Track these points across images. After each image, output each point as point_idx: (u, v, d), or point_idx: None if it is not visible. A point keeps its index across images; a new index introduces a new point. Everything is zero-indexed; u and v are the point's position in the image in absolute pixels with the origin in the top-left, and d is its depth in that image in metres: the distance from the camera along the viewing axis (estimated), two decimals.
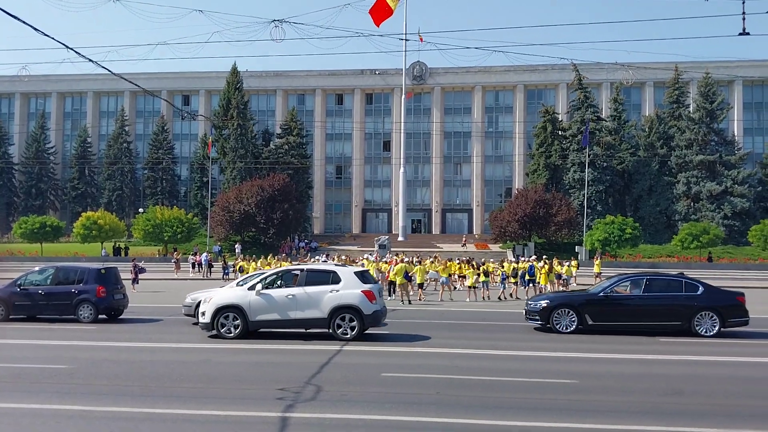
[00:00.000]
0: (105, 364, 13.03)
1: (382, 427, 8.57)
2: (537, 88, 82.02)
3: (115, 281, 20.65)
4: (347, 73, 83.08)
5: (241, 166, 70.67)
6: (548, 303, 17.86)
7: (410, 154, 79.90)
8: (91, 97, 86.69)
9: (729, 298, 17.55)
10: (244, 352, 14.38)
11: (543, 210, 58.23)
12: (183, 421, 8.83)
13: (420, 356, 13.88)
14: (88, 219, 60.00)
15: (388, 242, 54.40)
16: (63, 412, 9.18)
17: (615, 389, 10.78)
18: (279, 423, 8.63)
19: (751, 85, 77.40)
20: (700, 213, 65.52)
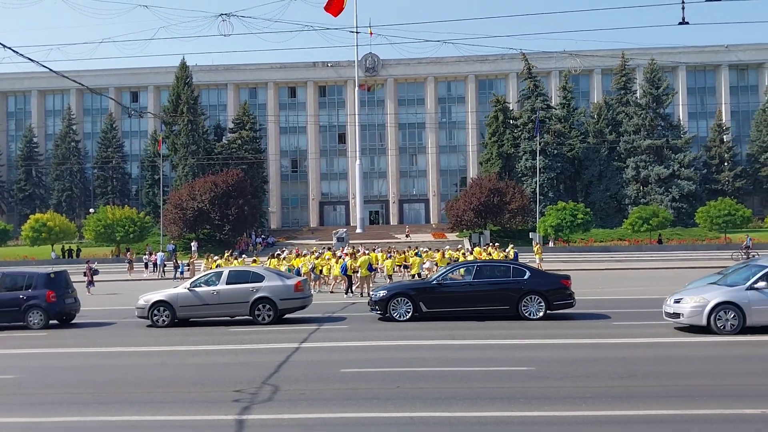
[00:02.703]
0: (56, 371, 12.71)
1: (340, 425, 8.57)
2: (488, 78, 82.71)
3: (65, 285, 20.11)
4: (299, 65, 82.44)
5: (193, 162, 69.57)
6: (386, 293, 18.34)
7: (366, 146, 79.83)
8: (36, 95, 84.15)
9: (554, 281, 18.20)
10: (200, 354, 14.19)
11: (497, 198, 58.91)
12: (137, 428, 8.67)
13: (380, 350, 13.90)
14: (36, 221, 58.41)
15: (346, 235, 54.29)
16: (10, 425, 8.91)
17: (571, 375, 10.97)
18: (235, 426, 8.53)
19: (694, 70, 79.46)
20: (649, 196, 67.13)
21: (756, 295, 14.63)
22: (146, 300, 18.86)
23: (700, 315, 14.73)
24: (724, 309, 14.61)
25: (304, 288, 19.37)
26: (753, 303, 14.57)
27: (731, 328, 14.53)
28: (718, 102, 78.10)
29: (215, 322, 19.03)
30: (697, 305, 14.84)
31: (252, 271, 19.94)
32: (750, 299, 14.62)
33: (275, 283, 18.71)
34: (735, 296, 14.71)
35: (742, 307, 14.55)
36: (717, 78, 79.68)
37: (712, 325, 14.61)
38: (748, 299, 14.62)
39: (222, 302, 18.55)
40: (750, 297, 14.64)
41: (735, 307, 14.59)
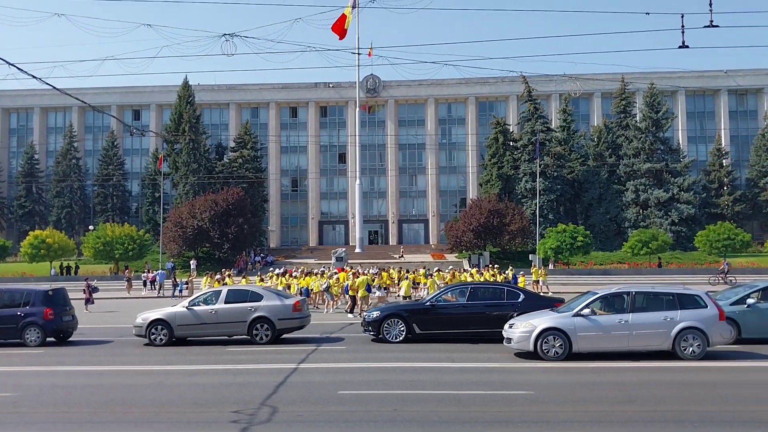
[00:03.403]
0: (53, 390, 12.64)
1: None
2: (488, 100, 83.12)
3: (63, 302, 20.06)
4: (301, 86, 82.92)
5: (193, 180, 69.68)
6: (379, 314, 18.30)
7: (366, 166, 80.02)
8: (38, 112, 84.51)
9: (548, 305, 18.09)
10: (198, 374, 14.13)
11: (497, 219, 58.94)
12: None
13: (378, 372, 13.85)
14: (36, 238, 58.32)
15: (345, 254, 54.21)
16: None
17: (570, 399, 10.92)
18: None
19: (694, 95, 79.92)
20: (649, 220, 67.16)
21: (582, 321, 14.67)
22: (144, 318, 18.80)
23: (527, 340, 14.74)
24: (551, 335, 14.63)
25: (302, 308, 19.33)
26: (579, 329, 14.61)
27: (556, 354, 14.55)
28: (717, 126, 78.45)
29: (213, 341, 18.97)
30: (525, 331, 14.85)
31: (250, 290, 19.90)
32: (576, 325, 14.66)
33: (273, 303, 18.68)
34: (561, 322, 14.76)
35: (568, 334, 14.59)
36: (716, 103, 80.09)
37: (538, 350, 14.61)
38: (574, 325, 14.67)
39: (220, 321, 18.50)
40: (576, 323, 14.69)
41: (561, 333, 14.61)
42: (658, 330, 14.52)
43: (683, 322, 14.47)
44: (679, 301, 14.83)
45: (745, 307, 16.91)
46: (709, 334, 14.41)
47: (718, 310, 14.62)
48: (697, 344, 14.41)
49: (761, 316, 16.83)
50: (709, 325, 14.46)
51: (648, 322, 14.56)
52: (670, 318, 14.55)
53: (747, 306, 16.91)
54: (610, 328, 14.58)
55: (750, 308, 16.88)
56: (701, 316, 14.53)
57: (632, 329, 14.49)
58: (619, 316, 14.63)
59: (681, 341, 14.44)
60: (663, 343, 14.55)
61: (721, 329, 14.60)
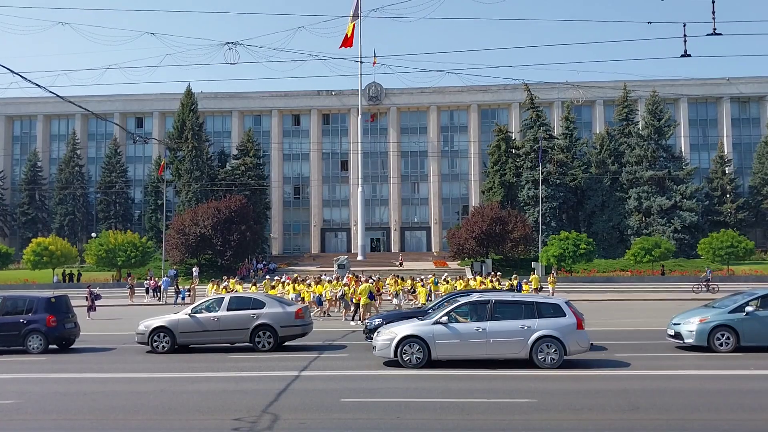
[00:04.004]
0: (55, 397, 12.63)
1: None
2: (490, 107, 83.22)
3: (66, 310, 20.07)
4: (303, 93, 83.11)
5: (196, 188, 69.74)
6: (381, 321, 18.40)
7: (368, 174, 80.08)
8: (42, 120, 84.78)
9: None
10: (200, 381, 14.12)
11: (499, 227, 58.87)
12: None
13: (380, 379, 13.82)
14: (38, 245, 58.33)
15: (347, 262, 54.13)
16: None
17: (573, 407, 10.89)
18: None
19: (696, 102, 79.92)
20: (652, 227, 67.04)
21: (441, 329, 14.72)
22: (146, 326, 18.81)
23: (389, 348, 14.83)
24: (410, 342, 14.71)
25: (304, 315, 19.32)
26: (437, 337, 14.68)
27: (417, 361, 14.64)
28: (719, 134, 78.36)
29: (215, 348, 18.96)
30: (387, 339, 14.96)
31: (253, 297, 19.91)
32: (435, 333, 14.73)
33: (276, 310, 18.67)
34: (421, 330, 14.84)
35: (427, 341, 14.65)
36: (718, 110, 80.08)
37: (398, 358, 14.69)
38: (433, 333, 14.74)
39: (222, 329, 18.49)
40: (435, 331, 14.74)
41: (420, 340, 14.69)
42: (515, 338, 14.58)
43: (540, 330, 14.52)
44: (538, 309, 14.90)
45: (743, 314, 16.86)
46: (566, 343, 14.48)
47: (576, 319, 14.71)
48: (553, 353, 14.47)
49: (760, 323, 16.77)
50: (566, 333, 14.52)
51: (505, 330, 14.63)
52: (527, 326, 14.59)
53: (746, 314, 16.85)
54: (467, 336, 14.65)
55: (749, 316, 16.82)
56: (559, 325, 14.58)
57: (489, 337, 14.56)
58: (477, 324, 14.72)
59: (538, 350, 14.50)
60: (520, 351, 14.59)
61: (578, 338, 14.67)
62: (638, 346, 18.34)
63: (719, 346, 16.74)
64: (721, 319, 16.94)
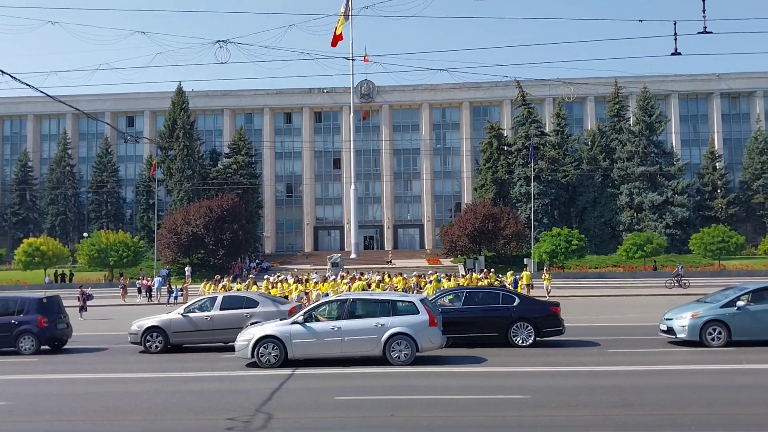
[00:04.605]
0: (48, 398, 12.58)
1: None
2: (482, 104, 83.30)
3: (57, 310, 19.97)
4: (295, 91, 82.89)
5: (188, 187, 69.51)
6: None
7: (360, 172, 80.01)
8: (32, 120, 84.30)
9: (544, 309, 18.21)
10: (193, 381, 14.09)
11: (492, 224, 58.97)
12: None
13: (374, 377, 13.82)
14: (30, 245, 58.06)
15: (340, 260, 54.20)
16: None
17: (566, 403, 10.93)
18: None
19: (687, 98, 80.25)
20: (643, 223, 67.31)
21: (298, 329, 14.91)
22: (139, 325, 18.75)
23: (246, 349, 14.96)
24: (267, 343, 14.85)
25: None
26: (294, 337, 14.85)
27: (274, 360, 14.80)
28: (710, 130, 78.74)
29: (208, 348, 18.92)
30: (245, 339, 15.09)
31: (246, 296, 19.89)
32: (291, 333, 14.89)
33: (269, 309, 18.66)
34: (278, 330, 15.02)
35: (283, 341, 14.82)
36: (709, 106, 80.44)
37: (256, 358, 14.82)
38: (289, 333, 14.91)
39: (215, 328, 18.46)
40: (292, 331, 14.91)
41: (277, 340, 14.85)
42: (369, 336, 14.77)
43: (393, 328, 14.73)
44: (393, 307, 15.12)
45: (735, 309, 16.95)
46: (419, 340, 14.69)
47: (429, 316, 14.86)
48: (405, 349, 14.65)
49: (751, 318, 16.87)
50: (418, 330, 14.72)
51: (359, 329, 14.83)
52: (381, 324, 14.78)
53: (737, 308, 16.94)
54: (323, 334, 14.83)
55: (740, 311, 16.92)
56: (411, 322, 14.78)
57: (344, 335, 14.76)
58: (333, 323, 14.91)
59: (390, 347, 14.67)
60: (374, 348, 14.78)
61: (430, 335, 14.85)
62: (631, 342, 18.44)
63: (711, 340, 16.83)
64: (712, 314, 17.03)
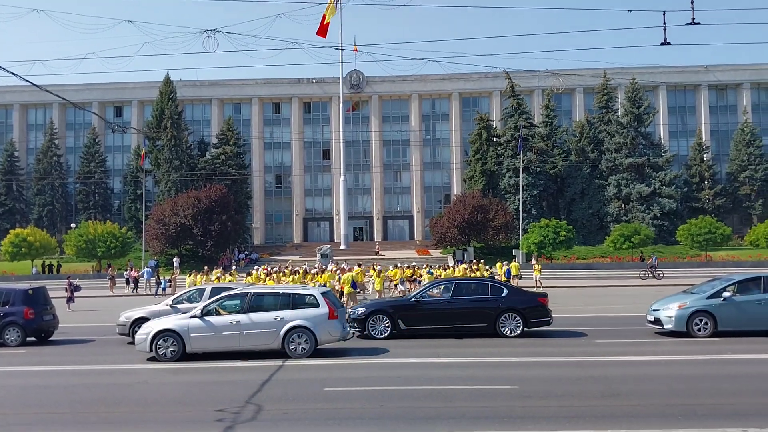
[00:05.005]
0: (35, 390, 12.53)
1: None
2: (472, 95, 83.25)
3: (43, 302, 19.83)
4: (284, 81, 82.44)
5: (176, 177, 69.11)
6: (364, 310, 18.40)
7: (350, 163, 79.85)
8: (18, 109, 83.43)
9: (532, 300, 18.37)
10: (183, 372, 14.05)
11: (481, 215, 59.10)
12: None
13: (363, 368, 13.86)
14: (17, 236, 57.63)
15: (330, 251, 54.09)
16: None
17: (554, 394, 10.99)
18: None
19: (675, 90, 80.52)
20: (631, 214, 67.65)
21: (196, 322, 14.98)
22: (127, 317, 18.68)
23: (145, 342, 15.07)
24: (165, 336, 14.94)
25: None
26: (192, 331, 14.91)
27: (171, 354, 14.89)
28: (698, 121, 79.12)
29: None
30: (144, 333, 15.23)
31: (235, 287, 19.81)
32: (190, 327, 14.95)
33: None
34: (176, 324, 15.11)
35: (181, 335, 14.88)
36: (697, 98, 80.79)
37: (154, 351, 14.90)
38: (188, 327, 14.97)
39: None
40: (190, 325, 14.98)
41: (175, 334, 14.92)
42: (268, 329, 14.88)
43: (293, 321, 14.87)
44: (293, 300, 15.28)
45: (721, 300, 17.10)
46: (317, 333, 14.85)
47: (329, 309, 15.00)
48: (304, 342, 14.82)
49: (737, 309, 17.04)
50: (317, 324, 14.88)
51: (259, 322, 14.92)
52: (281, 318, 14.92)
53: (723, 299, 17.10)
54: (222, 328, 14.88)
55: (726, 301, 17.07)
56: (310, 315, 14.93)
57: (243, 329, 14.84)
58: (232, 317, 14.97)
59: (289, 340, 14.81)
60: (273, 342, 14.89)
61: (329, 328, 15.01)
62: (618, 332, 18.58)
63: (697, 331, 16.98)
64: (699, 305, 17.17)
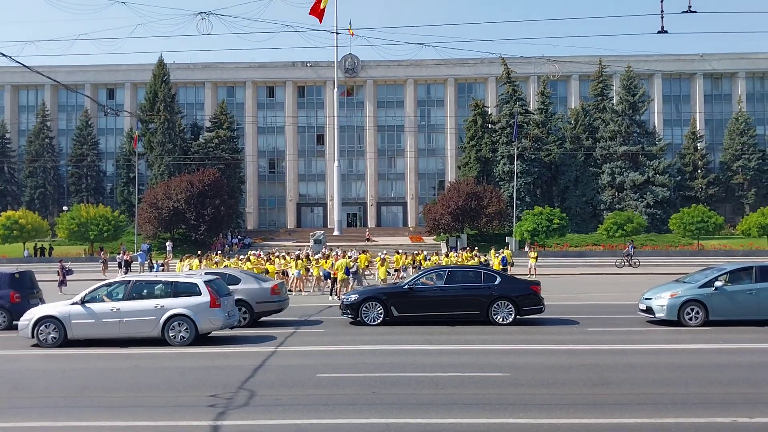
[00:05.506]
0: (28, 374, 12.52)
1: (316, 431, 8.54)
2: (467, 81, 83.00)
3: (30, 285, 19.70)
4: (278, 65, 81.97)
5: (169, 161, 68.83)
6: (357, 297, 18.44)
7: (344, 148, 79.66)
8: (9, 90, 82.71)
9: (524, 287, 18.41)
10: (177, 357, 14.04)
11: (474, 202, 59.15)
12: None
13: (356, 354, 13.89)
14: (8, 219, 57.38)
15: (323, 237, 54.13)
16: None
17: (546, 382, 11.04)
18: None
19: (670, 78, 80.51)
20: (624, 202, 67.84)
21: (78, 309, 15.09)
22: None
23: (27, 328, 15.10)
24: (47, 323, 15.10)
25: (280, 291, 19.30)
26: (73, 317, 15.05)
27: (53, 341, 15.00)
28: (692, 110, 79.18)
29: None
30: (27, 319, 15.31)
31: (228, 273, 19.80)
32: (71, 313, 15.08)
33: (251, 286, 18.62)
34: (58, 311, 15.24)
35: (63, 321, 15.02)
36: (692, 86, 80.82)
37: (36, 338, 15.07)
38: (69, 313, 15.09)
39: None
40: (72, 311, 15.10)
41: (56, 320, 15.06)
42: (148, 317, 14.97)
43: (173, 309, 14.94)
44: (174, 289, 15.34)
45: (713, 289, 17.18)
46: (198, 321, 14.93)
47: (210, 298, 15.07)
48: (184, 330, 14.92)
49: (728, 298, 17.12)
50: (198, 312, 14.95)
51: (139, 310, 15.01)
52: (161, 306, 15.00)
53: (715, 288, 17.17)
54: (102, 315, 14.99)
55: (717, 291, 17.15)
56: (191, 304, 15.00)
57: (123, 317, 14.94)
58: (113, 304, 15.06)
59: (169, 328, 14.91)
60: (153, 329, 14.98)
61: (210, 316, 15.08)
62: (610, 320, 18.66)
63: (689, 320, 17.07)
64: (691, 294, 17.25)
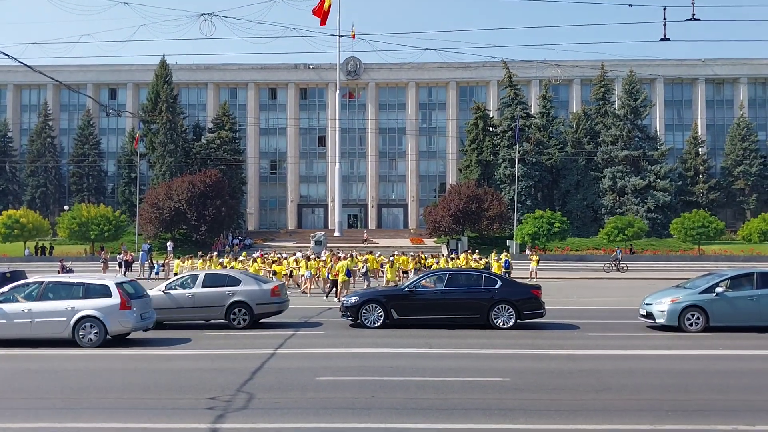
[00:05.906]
0: (25, 374, 12.47)
1: None
2: (469, 84, 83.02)
3: None
4: (281, 67, 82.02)
5: (170, 161, 68.84)
6: (357, 299, 18.40)
7: (345, 150, 79.64)
8: (12, 89, 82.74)
9: (525, 291, 18.41)
10: (176, 359, 14.02)
11: (475, 205, 59.11)
12: None
13: (356, 357, 13.84)
14: (9, 217, 57.31)
15: (324, 238, 54.06)
16: None
17: (546, 387, 11.00)
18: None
19: (672, 83, 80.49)
20: (625, 207, 67.77)
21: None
22: None
23: None
24: None
25: (280, 293, 19.27)
26: None
27: None
28: (694, 115, 79.18)
29: (189, 325, 18.82)
30: None
31: (228, 274, 19.77)
32: None
33: (251, 288, 18.59)
34: None
35: None
36: (694, 91, 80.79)
37: None
38: None
39: (197, 305, 18.36)
40: None
41: None
42: (59, 318, 15.02)
43: (83, 311, 15.00)
44: (86, 290, 15.39)
45: (713, 295, 17.14)
46: (108, 323, 15.00)
47: (121, 300, 15.10)
48: (94, 332, 15.01)
49: (729, 304, 17.08)
50: (108, 314, 15.01)
51: (50, 311, 15.07)
52: (72, 307, 15.05)
53: (715, 294, 17.13)
54: (14, 315, 15.07)
55: (718, 296, 17.11)
56: (102, 305, 15.06)
57: (34, 317, 15.00)
58: (24, 305, 15.13)
59: (80, 329, 14.96)
60: (63, 331, 15.04)
61: (120, 318, 15.14)
62: (610, 325, 18.62)
63: (689, 326, 17.03)
64: (691, 300, 17.22)
